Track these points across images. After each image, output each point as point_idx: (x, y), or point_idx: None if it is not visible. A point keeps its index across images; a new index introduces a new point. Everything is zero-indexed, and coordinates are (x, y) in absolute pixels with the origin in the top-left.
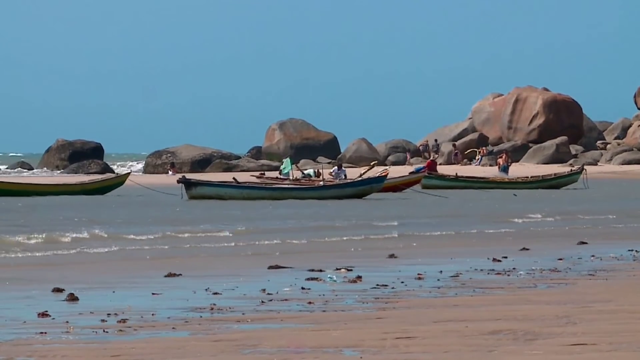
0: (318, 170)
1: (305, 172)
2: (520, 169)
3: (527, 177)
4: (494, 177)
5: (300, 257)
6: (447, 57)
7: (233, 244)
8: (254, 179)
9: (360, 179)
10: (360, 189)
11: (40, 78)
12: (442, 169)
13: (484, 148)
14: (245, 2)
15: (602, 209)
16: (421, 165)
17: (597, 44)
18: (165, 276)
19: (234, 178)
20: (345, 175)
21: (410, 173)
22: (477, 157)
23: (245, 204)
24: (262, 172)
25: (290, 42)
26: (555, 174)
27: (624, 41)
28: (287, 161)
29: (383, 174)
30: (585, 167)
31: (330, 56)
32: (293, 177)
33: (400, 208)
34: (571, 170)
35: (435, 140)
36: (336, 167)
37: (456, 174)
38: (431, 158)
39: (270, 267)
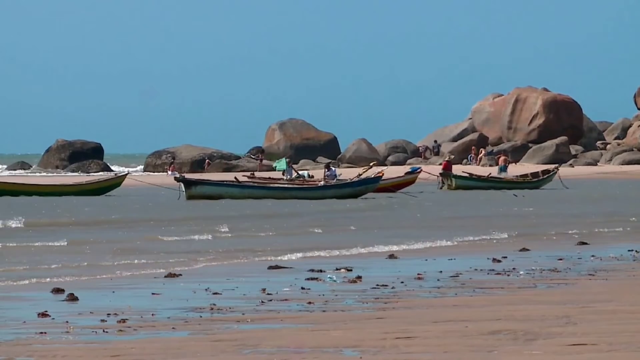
0: (311, 173)
1: (300, 172)
2: (521, 169)
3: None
4: (505, 178)
5: (300, 257)
6: (448, 57)
7: (233, 244)
8: (246, 179)
9: (357, 179)
10: (358, 189)
11: (40, 78)
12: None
13: (483, 148)
14: (246, 3)
15: None
16: (417, 166)
17: (597, 44)
18: (165, 276)
19: (235, 177)
20: (336, 175)
21: (406, 173)
22: (471, 157)
23: (244, 203)
24: (253, 172)
25: (291, 43)
26: (530, 174)
27: (624, 41)
28: (279, 161)
29: (379, 175)
30: (558, 167)
31: (331, 56)
32: (287, 176)
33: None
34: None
35: (435, 141)
36: (325, 169)
37: (489, 174)
38: (446, 159)
39: (270, 267)
